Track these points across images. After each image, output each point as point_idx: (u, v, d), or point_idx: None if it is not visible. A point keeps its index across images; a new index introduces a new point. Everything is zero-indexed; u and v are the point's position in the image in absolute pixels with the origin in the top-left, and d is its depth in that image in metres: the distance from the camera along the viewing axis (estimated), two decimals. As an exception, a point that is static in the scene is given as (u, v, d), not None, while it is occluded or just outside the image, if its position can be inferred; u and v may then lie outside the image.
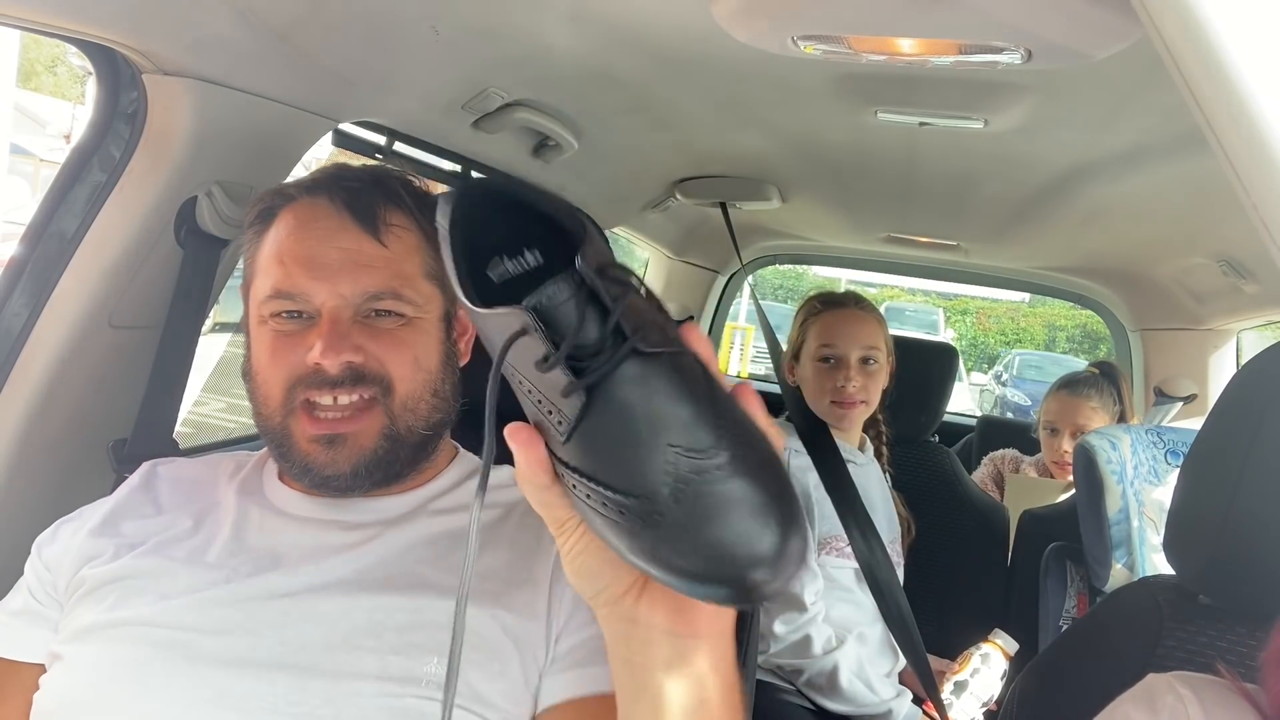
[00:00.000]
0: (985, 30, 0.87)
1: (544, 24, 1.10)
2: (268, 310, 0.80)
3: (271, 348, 0.79)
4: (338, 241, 0.80)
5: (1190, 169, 1.37)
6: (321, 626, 0.73)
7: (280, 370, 0.79)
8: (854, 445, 1.81)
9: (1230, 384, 0.93)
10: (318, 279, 0.78)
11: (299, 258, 0.79)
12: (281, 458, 0.82)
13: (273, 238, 0.82)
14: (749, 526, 0.41)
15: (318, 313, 0.79)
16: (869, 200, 2.13)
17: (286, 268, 0.79)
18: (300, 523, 0.82)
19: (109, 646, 0.74)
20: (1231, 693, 0.66)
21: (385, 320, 0.80)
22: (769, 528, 0.41)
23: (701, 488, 0.41)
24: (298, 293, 0.78)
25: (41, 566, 0.82)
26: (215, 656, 0.72)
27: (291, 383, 0.78)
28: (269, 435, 0.81)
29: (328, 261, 0.79)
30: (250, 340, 0.83)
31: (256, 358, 0.81)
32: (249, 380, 0.83)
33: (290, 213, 0.83)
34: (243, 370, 0.85)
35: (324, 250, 0.79)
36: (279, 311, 0.79)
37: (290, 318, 0.79)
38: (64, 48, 0.90)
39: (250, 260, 0.85)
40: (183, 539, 0.81)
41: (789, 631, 1.59)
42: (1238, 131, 0.41)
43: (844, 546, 1.68)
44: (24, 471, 1.01)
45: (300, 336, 0.78)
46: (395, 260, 0.81)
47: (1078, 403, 2.28)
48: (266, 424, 0.81)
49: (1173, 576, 0.96)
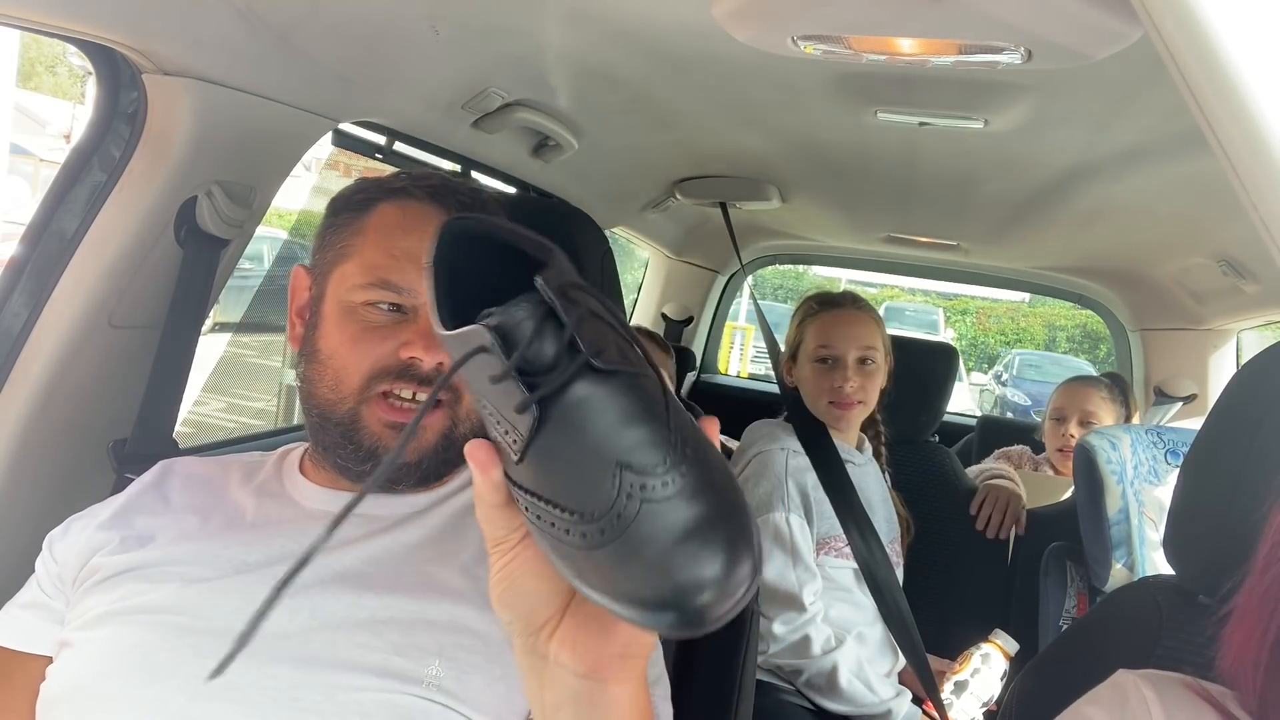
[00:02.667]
0: (985, 30, 0.87)
1: (544, 24, 1.10)
2: (362, 297, 0.81)
3: (358, 335, 0.80)
4: None
5: (1190, 169, 1.37)
6: (327, 621, 0.74)
7: (365, 359, 0.79)
8: (852, 445, 1.81)
9: (1230, 384, 0.93)
10: None
11: (411, 254, 0.81)
12: (344, 440, 0.81)
13: (375, 227, 0.83)
14: (695, 549, 0.39)
15: (413, 310, 0.80)
16: (869, 200, 2.13)
17: (397, 260, 0.80)
18: (316, 516, 0.83)
19: (116, 634, 0.74)
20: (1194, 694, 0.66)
21: None
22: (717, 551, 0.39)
23: (648, 508, 0.40)
24: (406, 286, 0.80)
25: (51, 560, 0.83)
26: (220, 647, 0.71)
27: (376, 373, 0.79)
28: (331, 418, 0.81)
29: None
30: (323, 322, 0.83)
31: (331, 340, 0.82)
32: (313, 361, 0.83)
33: (395, 207, 0.84)
34: (303, 350, 0.85)
35: None
36: (376, 301, 0.80)
37: (387, 309, 0.80)
38: (64, 48, 0.91)
39: (339, 243, 0.85)
40: (193, 532, 0.81)
41: (788, 632, 1.59)
42: (1238, 131, 0.41)
43: (843, 547, 1.68)
44: (24, 471, 1.01)
45: (391, 330, 0.80)
46: None
47: (1088, 391, 2.30)
48: (332, 408, 0.81)
49: (1172, 576, 0.96)
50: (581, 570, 0.42)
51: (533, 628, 0.49)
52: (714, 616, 0.39)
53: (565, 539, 0.42)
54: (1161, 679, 0.69)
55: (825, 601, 1.64)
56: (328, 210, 0.89)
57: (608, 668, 0.48)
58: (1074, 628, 1.15)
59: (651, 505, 0.40)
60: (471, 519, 0.83)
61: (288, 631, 0.73)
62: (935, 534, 2.09)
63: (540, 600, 0.48)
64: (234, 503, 0.85)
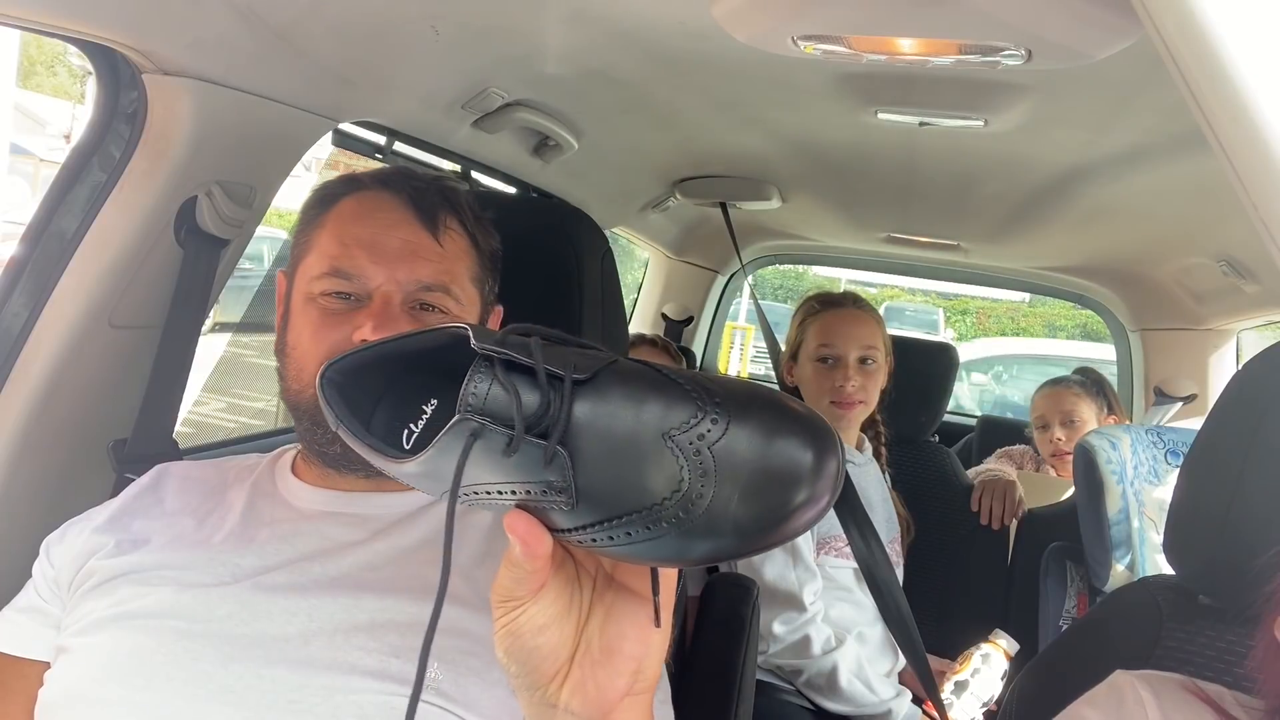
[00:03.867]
0: (985, 30, 0.87)
1: (544, 24, 1.10)
2: (318, 288, 0.82)
3: (316, 324, 0.81)
4: (399, 231, 0.84)
5: (1190, 169, 1.37)
6: (325, 624, 0.73)
7: (322, 346, 0.80)
8: (852, 445, 1.81)
9: (1230, 384, 0.93)
10: (377, 263, 0.82)
11: (361, 240, 0.82)
12: (312, 425, 0.82)
13: (334, 219, 0.85)
14: (781, 446, 0.40)
15: (368, 296, 0.81)
16: (869, 200, 2.13)
17: (348, 248, 0.82)
18: (311, 517, 0.83)
19: (113, 639, 0.74)
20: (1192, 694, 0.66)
21: (430, 314, 0.84)
22: (800, 436, 0.41)
23: (717, 447, 0.41)
24: (356, 273, 0.81)
25: (48, 564, 0.83)
26: (218, 650, 0.72)
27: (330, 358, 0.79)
28: (300, 409, 0.82)
29: (388, 248, 0.82)
30: (291, 317, 0.85)
31: (296, 333, 0.83)
32: (282, 356, 0.85)
33: (354, 200, 0.86)
34: (276, 346, 0.87)
35: (386, 237, 0.83)
36: (330, 291, 0.82)
37: (340, 298, 0.82)
38: (64, 47, 0.90)
39: (303, 240, 0.87)
40: (189, 535, 0.81)
41: (788, 632, 1.59)
42: (1238, 131, 0.41)
43: (843, 546, 1.68)
44: (24, 471, 1.01)
45: (347, 316, 0.81)
46: (448, 258, 0.85)
47: (1059, 392, 2.35)
48: (299, 399, 0.82)
49: (1173, 576, 0.96)
50: (687, 548, 0.42)
51: (543, 680, 0.49)
52: (826, 492, 0.40)
53: (659, 532, 0.42)
54: (1159, 680, 0.69)
55: (825, 601, 1.64)
56: (300, 211, 0.91)
57: (618, 707, 0.49)
58: (1074, 628, 1.15)
59: (718, 444, 0.41)
60: (470, 519, 0.83)
61: (286, 634, 0.73)
62: (935, 534, 2.09)
63: (550, 651, 0.48)
64: (229, 505, 0.85)
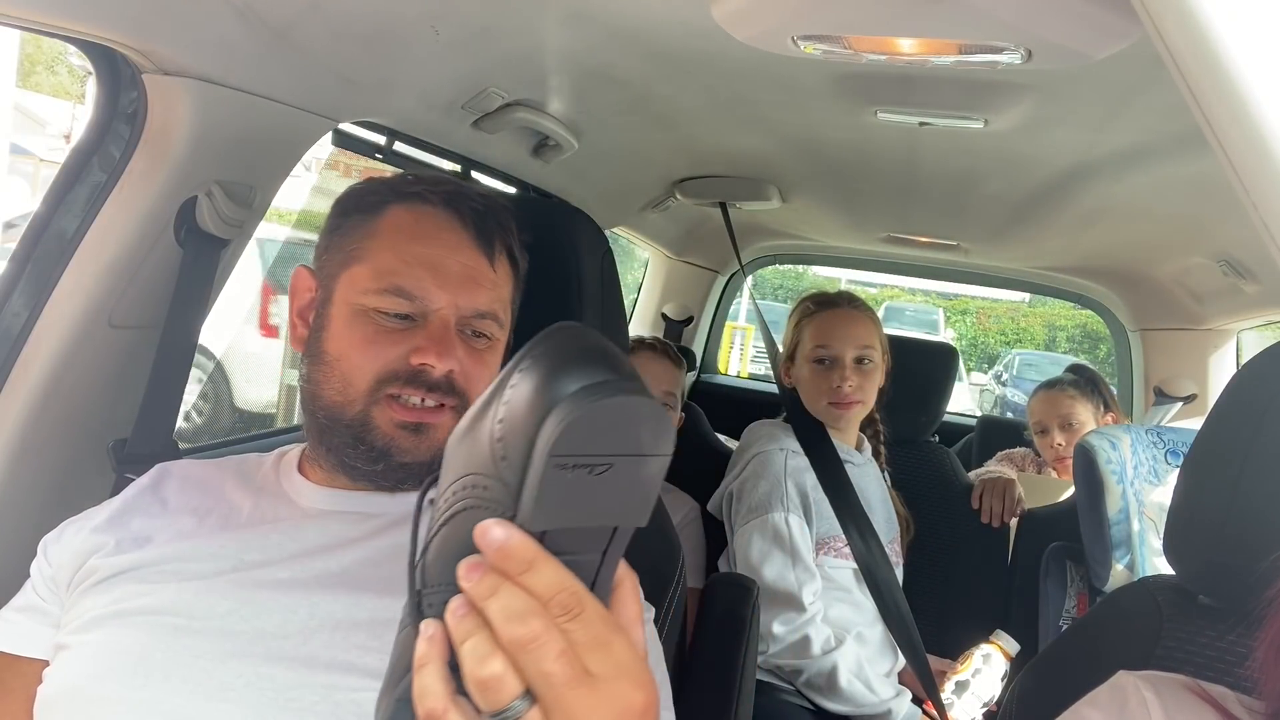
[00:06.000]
0: (985, 30, 0.87)
1: (544, 24, 1.10)
2: (374, 303, 0.80)
3: (369, 338, 0.80)
4: (460, 256, 0.83)
5: (1190, 169, 1.37)
6: (325, 622, 0.73)
7: (374, 362, 0.80)
8: (851, 445, 1.81)
9: (1230, 384, 0.93)
10: (441, 286, 0.81)
11: (425, 261, 0.81)
12: (354, 442, 0.81)
13: (389, 230, 0.83)
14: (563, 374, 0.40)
15: (424, 317, 0.81)
16: (869, 200, 2.13)
17: (411, 267, 0.81)
18: (314, 515, 0.83)
19: (112, 636, 0.74)
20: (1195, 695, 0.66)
21: (477, 340, 0.84)
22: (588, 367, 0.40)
23: (507, 425, 0.41)
24: (419, 295, 0.80)
25: (45, 563, 0.82)
26: (217, 647, 0.72)
27: (384, 376, 0.79)
28: (341, 420, 0.81)
29: (450, 271, 0.81)
30: (331, 323, 0.83)
31: (342, 343, 0.81)
32: (320, 363, 0.83)
33: (407, 212, 0.84)
34: (310, 351, 0.84)
35: (448, 260, 0.82)
36: (388, 309, 0.80)
37: (396, 317, 0.81)
38: (64, 47, 0.90)
39: (347, 244, 0.84)
40: (190, 532, 0.81)
41: (788, 632, 1.59)
42: (1238, 131, 0.41)
43: (842, 547, 1.68)
44: (24, 471, 1.01)
45: (403, 334, 0.80)
46: (500, 285, 0.86)
47: (1055, 396, 2.33)
48: (341, 410, 0.81)
49: (1173, 576, 0.96)
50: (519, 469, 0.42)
51: None
52: None
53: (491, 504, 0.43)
54: (1162, 680, 0.69)
55: (825, 601, 1.64)
56: (335, 210, 0.88)
57: None
58: (1074, 628, 1.15)
59: (506, 419, 0.41)
60: None
61: (286, 632, 0.73)
62: (935, 534, 2.09)
63: None
64: (231, 503, 0.85)
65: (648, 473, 0.42)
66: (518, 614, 0.41)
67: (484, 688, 0.41)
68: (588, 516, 0.42)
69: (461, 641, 0.42)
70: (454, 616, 0.43)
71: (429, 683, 0.43)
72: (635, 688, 0.44)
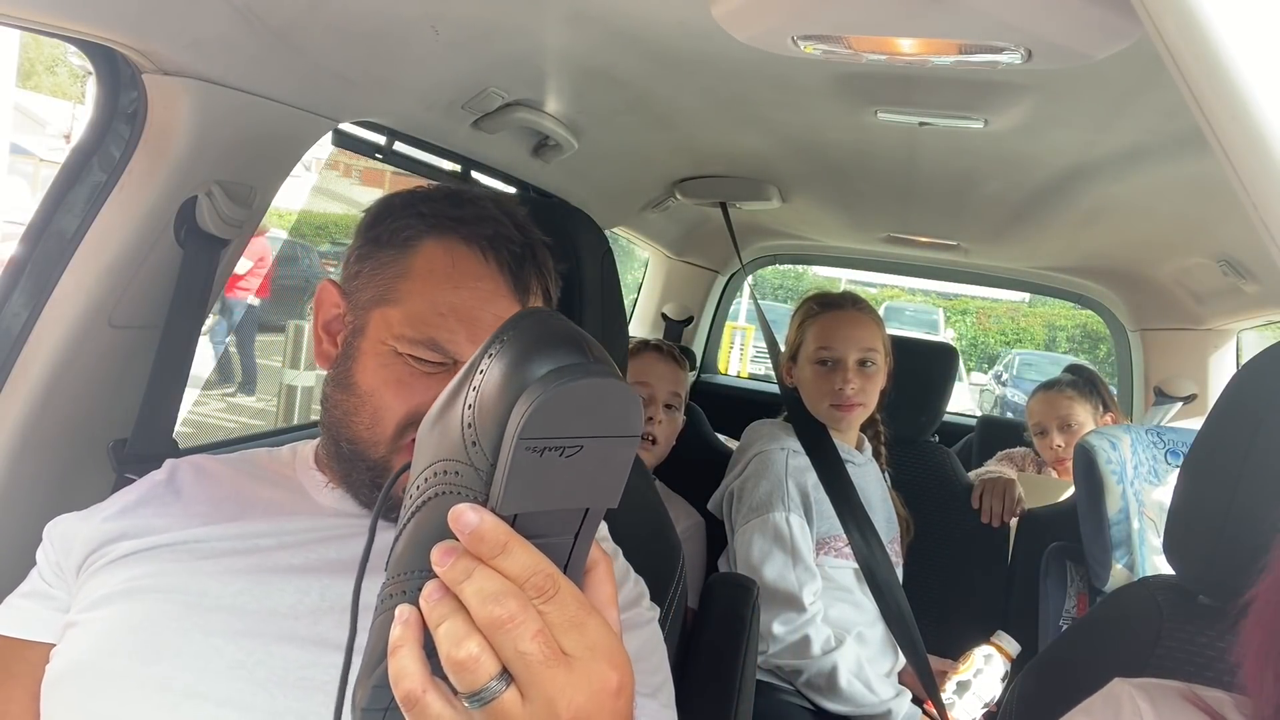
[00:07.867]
0: (985, 30, 0.87)
1: (544, 24, 1.10)
2: (407, 349, 0.80)
3: (402, 380, 0.80)
4: (493, 307, 0.81)
5: (1190, 169, 1.37)
6: (336, 603, 0.74)
7: (405, 404, 0.79)
8: (852, 445, 1.81)
9: (1230, 384, 0.93)
10: (473, 339, 0.80)
11: (461, 314, 0.80)
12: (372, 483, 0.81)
13: (423, 273, 0.82)
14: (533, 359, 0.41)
15: (455, 364, 0.80)
16: (869, 200, 2.13)
17: (444, 319, 0.80)
18: (326, 512, 0.84)
19: (123, 612, 0.74)
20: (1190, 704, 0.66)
21: None
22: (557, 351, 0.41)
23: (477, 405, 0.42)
24: (455, 352, 0.79)
25: (51, 548, 0.83)
26: (229, 625, 0.73)
27: (414, 418, 0.79)
28: (365, 459, 0.81)
29: (483, 323, 0.80)
30: (361, 355, 0.82)
31: (372, 378, 0.81)
32: (350, 392, 0.82)
33: (443, 253, 0.82)
34: (339, 377, 0.84)
35: (483, 312, 0.81)
36: (420, 357, 0.80)
37: (428, 363, 0.80)
38: (64, 48, 0.90)
39: (380, 280, 0.83)
40: (205, 518, 0.82)
41: (788, 632, 1.59)
42: (1238, 131, 0.41)
43: (843, 547, 1.68)
44: (24, 471, 1.01)
45: (434, 379, 0.79)
46: None
47: (1053, 397, 2.34)
48: (368, 449, 0.81)
49: (1173, 576, 0.96)
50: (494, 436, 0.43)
51: None
52: None
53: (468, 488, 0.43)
54: (1157, 688, 0.68)
55: (825, 601, 1.64)
56: (367, 236, 0.86)
57: None
58: (1074, 628, 1.15)
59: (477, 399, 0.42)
60: None
61: (297, 612, 0.74)
62: (935, 534, 2.09)
63: None
64: (246, 492, 0.86)
65: (618, 454, 0.42)
66: (493, 595, 0.42)
67: (461, 669, 0.42)
68: (560, 499, 0.43)
69: (437, 625, 0.43)
70: (429, 601, 0.43)
71: (405, 665, 0.44)
72: (611, 667, 0.44)
